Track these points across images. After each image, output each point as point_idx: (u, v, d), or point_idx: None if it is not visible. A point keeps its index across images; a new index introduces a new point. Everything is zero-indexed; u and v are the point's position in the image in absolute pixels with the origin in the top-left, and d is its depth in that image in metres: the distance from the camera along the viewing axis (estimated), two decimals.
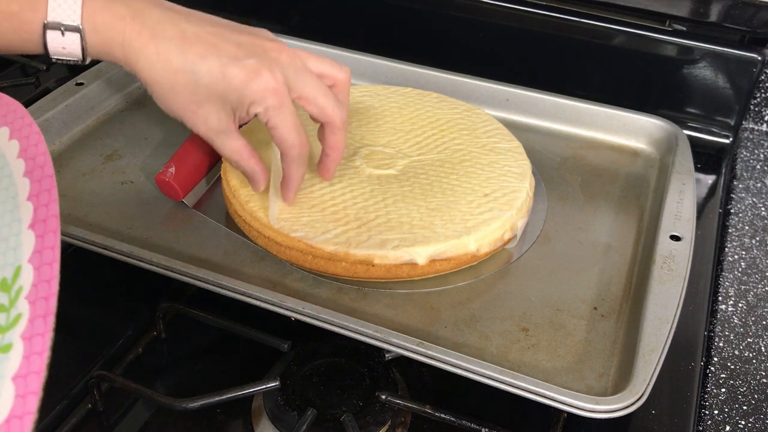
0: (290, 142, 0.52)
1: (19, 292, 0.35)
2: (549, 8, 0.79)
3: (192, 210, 0.62)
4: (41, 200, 0.38)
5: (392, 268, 0.54)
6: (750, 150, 0.79)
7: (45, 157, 0.39)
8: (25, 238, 0.37)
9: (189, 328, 0.57)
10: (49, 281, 0.35)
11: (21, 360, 0.33)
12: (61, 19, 0.46)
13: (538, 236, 0.61)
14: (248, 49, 0.49)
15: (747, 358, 0.55)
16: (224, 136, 0.52)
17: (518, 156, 0.64)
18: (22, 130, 0.41)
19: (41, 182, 0.38)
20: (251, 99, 0.49)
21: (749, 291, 0.61)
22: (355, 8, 0.87)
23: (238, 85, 0.48)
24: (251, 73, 0.48)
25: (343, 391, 0.50)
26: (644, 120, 0.72)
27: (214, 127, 0.51)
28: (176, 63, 0.48)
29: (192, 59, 0.48)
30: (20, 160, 0.40)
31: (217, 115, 0.50)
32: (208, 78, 0.48)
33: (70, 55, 0.47)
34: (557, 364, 0.50)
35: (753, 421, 0.50)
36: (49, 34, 0.46)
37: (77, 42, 0.47)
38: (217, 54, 0.48)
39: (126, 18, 0.47)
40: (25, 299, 0.35)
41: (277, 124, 0.50)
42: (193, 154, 0.64)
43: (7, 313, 0.35)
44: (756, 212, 0.70)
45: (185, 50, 0.48)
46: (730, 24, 0.74)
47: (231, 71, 0.48)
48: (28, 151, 0.40)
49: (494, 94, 0.76)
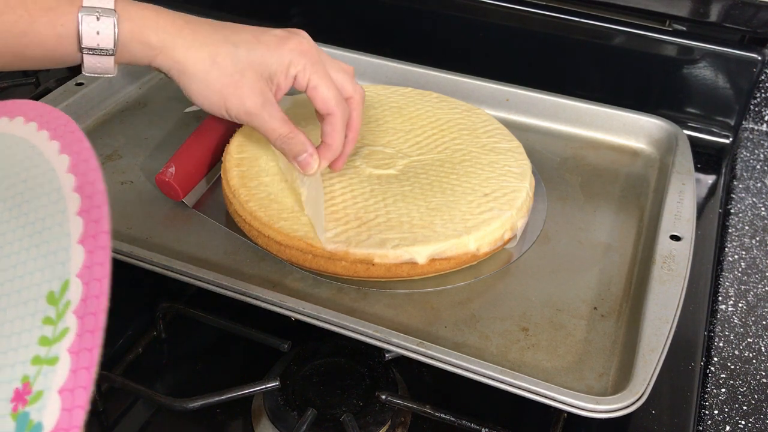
0: (335, 99, 0.53)
1: (67, 306, 0.35)
2: (549, 8, 0.79)
3: (192, 210, 0.62)
4: (92, 216, 0.38)
5: (392, 267, 0.54)
6: (750, 150, 0.79)
7: (96, 174, 0.39)
8: (74, 253, 0.37)
9: (189, 328, 0.57)
10: (99, 297, 0.35)
11: (68, 374, 0.34)
12: (95, 4, 0.47)
13: (538, 236, 0.61)
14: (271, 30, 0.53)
15: (747, 358, 0.55)
16: (270, 106, 0.52)
17: (518, 156, 0.64)
18: (73, 145, 0.41)
19: (92, 198, 0.38)
20: (289, 58, 0.51)
21: (749, 291, 0.61)
22: (355, 8, 0.87)
23: (274, 47, 0.51)
24: (283, 38, 0.52)
25: (343, 391, 0.50)
26: (644, 120, 0.72)
27: (260, 98, 0.51)
28: (214, 37, 0.50)
29: (226, 34, 0.51)
30: (70, 175, 0.40)
31: (259, 84, 0.51)
32: (244, 46, 0.50)
33: (103, 43, 0.47)
34: (557, 364, 0.50)
35: (753, 421, 0.50)
36: (84, 19, 0.46)
37: (111, 26, 0.47)
38: (247, 30, 0.52)
39: (157, 9, 0.49)
40: (73, 314, 0.35)
41: (318, 83, 0.52)
42: (193, 154, 0.64)
43: (54, 326, 0.35)
44: (756, 212, 0.70)
45: (218, 29, 0.51)
46: (730, 24, 0.74)
47: (264, 37, 0.51)
48: (78, 166, 0.40)
49: (494, 94, 0.76)
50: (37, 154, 0.42)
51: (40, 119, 0.44)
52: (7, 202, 0.42)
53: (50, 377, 0.34)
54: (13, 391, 0.35)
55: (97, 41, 0.47)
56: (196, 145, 0.65)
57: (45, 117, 0.44)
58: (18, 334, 0.36)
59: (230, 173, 0.60)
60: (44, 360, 0.35)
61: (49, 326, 0.36)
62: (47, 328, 0.36)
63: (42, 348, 0.35)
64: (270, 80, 0.51)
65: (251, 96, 0.51)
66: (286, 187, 0.60)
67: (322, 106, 0.53)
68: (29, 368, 0.35)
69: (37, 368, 0.35)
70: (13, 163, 0.43)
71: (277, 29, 0.53)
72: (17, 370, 0.35)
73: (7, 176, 0.43)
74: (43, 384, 0.34)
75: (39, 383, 0.34)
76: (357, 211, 0.57)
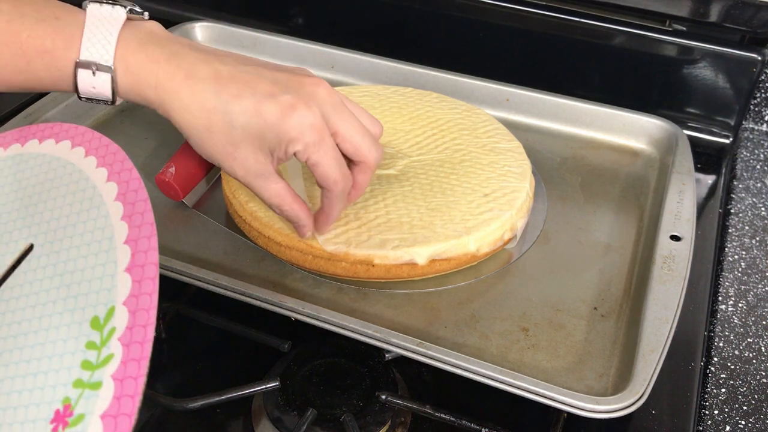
0: (334, 178, 0.49)
1: (111, 332, 0.36)
2: (549, 8, 0.79)
3: (192, 210, 0.62)
4: (140, 246, 0.38)
5: (392, 268, 0.54)
6: (750, 150, 0.79)
7: (145, 204, 0.40)
8: (121, 281, 0.37)
9: (189, 328, 0.57)
10: (145, 327, 0.35)
11: (111, 400, 0.34)
12: (93, 58, 0.45)
13: (538, 236, 0.61)
14: (284, 85, 0.47)
15: (747, 358, 0.55)
16: (263, 179, 0.49)
17: (518, 156, 0.64)
18: (121, 174, 0.42)
19: (141, 228, 0.39)
20: (289, 137, 0.47)
21: (749, 291, 0.61)
22: (355, 8, 0.87)
23: (274, 122, 0.46)
24: (287, 109, 0.46)
25: (343, 391, 0.50)
26: (644, 120, 0.72)
27: (252, 170, 0.48)
28: (210, 103, 0.46)
29: (226, 99, 0.46)
30: (118, 203, 0.40)
31: (254, 156, 0.48)
32: (242, 118, 0.46)
33: (100, 95, 0.46)
34: (557, 364, 0.50)
35: (753, 421, 0.50)
36: (80, 73, 0.45)
37: (108, 83, 0.45)
38: (252, 92, 0.46)
39: (160, 60, 0.46)
40: (118, 341, 0.35)
41: (319, 161, 0.48)
42: (193, 154, 0.64)
43: (98, 351, 0.36)
44: (756, 212, 0.70)
45: (219, 90, 0.46)
46: (730, 24, 0.74)
47: (266, 108, 0.46)
48: (127, 195, 0.41)
49: (494, 94, 0.76)
50: (84, 179, 0.43)
51: (87, 145, 0.45)
52: (52, 224, 0.42)
53: (93, 401, 0.34)
54: (54, 411, 0.35)
55: (94, 94, 0.46)
56: None
57: (92, 143, 0.44)
58: (60, 356, 0.37)
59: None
60: (87, 384, 0.35)
61: (92, 351, 0.36)
62: (90, 352, 0.36)
63: (85, 372, 0.35)
64: (269, 153, 0.48)
65: (242, 168, 0.48)
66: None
67: (320, 182, 0.50)
68: (71, 391, 0.35)
69: (79, 391, 0.35)
70: (59, 186, 0.44)
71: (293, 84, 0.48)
72: (58, 392, 0.36)
73: (53, 198, 0.43)
74: (84, 408, 0.34)
75: (81, 406, 0.35)
76: (357, 212, 0.57)
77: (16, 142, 0.48)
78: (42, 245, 0.41)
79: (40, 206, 0.43)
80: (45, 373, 0.36)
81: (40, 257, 0.41)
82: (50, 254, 0.41)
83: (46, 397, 0.36)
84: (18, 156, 0.47)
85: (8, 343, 0.38)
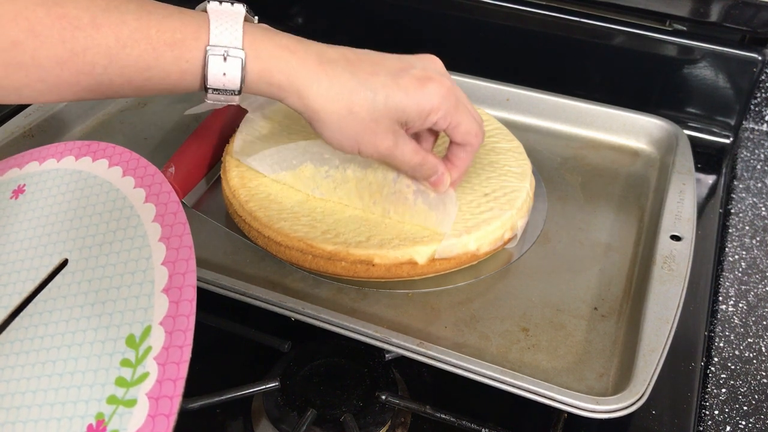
0: (475, 131, 0.52)
1: (147, 351, 0.36)
2: (549, 8, 0.79)
3: (192, 210, 0.62)
4: (178, 268, 0.38)
5: (392, 267, 0.54)
6: (750, 150, 0.79)
7: (184, 227, 0.40)
8: (158, 301, 0.38)
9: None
10: (182, 348, 0.36)
11: (146, 418, 0.34)
12: (224, 44, 0.44)
13: (538, 236, 0.61)
14: (407, 61, 0.50)
15: (747, 358, 0.55)
16: (401, 145, 0.50)
17: (518, 156, 0.64)
18: (159, 196, 0.42)
19: (179, 251, 0.39)
20: (430, 106, 0.49)
21: (749, 291, 0.61)
22: (355, 8, 0.87)
23: (414, 94, 0.48)
24: (423, 80, 0.48)
25: (343, 391, 0.49)
26: (644, 120, 0.72)
27: (392, 142, 0.49)
28: (351, 84, 0.47)
29: (364, 77, 0.47)
30: (156, 224, 0.41)
31: (393, 128, 0.49)
32: (383, 92, 0.47)
33: (229, 84, 0.45)
34: (557, 364, 0.50)
35: (753, 421, 0.50)
36: (210, 60, 0.44)
37: (238, 68, 0.44)
38: (385, 70, 0.48)
39: (288, 47, 0.46)
40: (153, 360, 0.36)
41: (460, 121, 0.51)
42: (193, 154, 0.64)
43: (133, 369, 0.36)
44: (756, 212, 0.70)
45: (355, 71, 0.47)
46: (730, 24, 0.74)
47: (403, 81, 0.48)
48: (165, 217, 0.41)
49: (494, 94, 0.76)
50: (121, 198, 0.43)
51: (125, 165, 0.45)
52: (87, 240, 0.42)
53: (126, 419, 0.34)
54: (87, 427, 0.35)
55: (223, 82, 0.44)
56: (196, 146, 0.65)
57: (130, 164, 0.45)
58: (94, 371, 0.37)
59: (230, 173, 0.60)
60: (121, 401, 0.35)
61: (127, 368, 0.36)
62: (125, 370, 0.36)
63: (119, 389, 0.36)
64: (405, 123, 0.49)
65: (384, 140, 0.49)
66: (286, 187, 0.60)
67: (461, 139, 0.52)
68: (104, 407, 0.35)
69: (113, 408, 0.35)
70: (95, 204, 0.44)
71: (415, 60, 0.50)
72: (92, 407, 0.36)
73: (89, 215, 0.43)
74: (118, 424, 0.35)
75: (114, 423, 0.35)
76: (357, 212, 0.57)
77: (51, 158, 0.48)
78: (77, 261, 0.42)
79: (75, 222, 0.43)
80: (78, 387, 0.37)
81: (74, 272, 0.41)
82: (85, 270, 0.41)
83: (79, 411, 0.36)
84: (54, 171, 0.47)
85: (41, 356, 0.38)
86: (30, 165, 0.49)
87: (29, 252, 0.43)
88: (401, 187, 0.56)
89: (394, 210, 0.56)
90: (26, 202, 0.47)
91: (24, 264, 0.43)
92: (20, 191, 0.47)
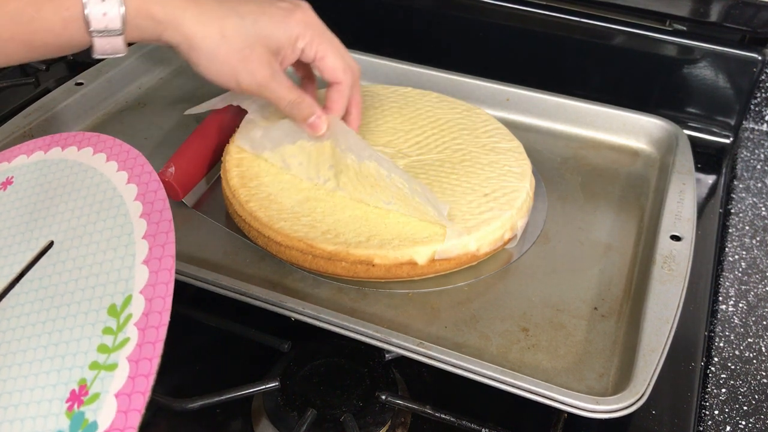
0: (342, 67, 0.55)
1: (128, 318, 0.38)
2: (549, 8, 0.79)
3: (192, 210, 0.62)
4: (158, 240, 0.41)
5: (392, 267, 0.54)
6: (750, 150, 0.79)
7: (164, 203, 0.42)
8: (138, 272, 0.40)
9: (189, 328, 0.56)
10: (161, 312, 0.38)
11: (126, 379, 0.36)
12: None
13: (538, 236, 0.61)
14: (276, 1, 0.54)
15: (747, 358, 0.55)
16: (278, 80, 0.53)
17: (518, 156, 0.64)
18: (141, 176, 0.44)
19: (159, 224, 0.41)
20: (296, 32, 0.53)
21: (749, 291, 0.61)
22: (354, 8, 0.87)
23: (280, 20, 0.52)
24: (289, 9, 0.53)
25: (343, 391, 0.49)
26: (644, 120, 0.72)
27: (267, 72, 0.52)
28: (220, 11, 0.50)
29: (232, 5, 0.51)
30: (137, 203, 0.43)
31: (267, 58, 0.52)
32: (251, 18, 0.51)
33: (111, 24, 0.47)
34: (557, 364, 0.50)
35: (753, 421, 0.50)
36: (89, 2, 0.46)
37: (116, 7, 0.46)
38: (254, 2, 0.52)
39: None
40: (134, 325, 0.38)
41: (326, 52, 0.54)
42: (193, 154, 0.64)
43: (114, 336, 0.38)
44: (756, 212, 0.70)
45: (223, 2, 0.51)
46: (730, 24, 0.74)
47: (270, 10, 0.52)
48: (146, 195, 0.43)
49: (494, 94, 0.76)
50: (105, 182, 0.46)
51: (109, 151, 0.47)
52: (72, 222, 0.44)
53: (108, 382, 0.36)
54: (69, 392, 0.37)
55: (105, 23, 0.47)
56: (196, 145, 0.65)
57: (114, 149, 0.47)
58: (77, 341, 0.39)
59: (230, 173, 0.60)
60: (102, 366, 0.37)
61: (108, 336, 0.38)
62: (107, 337, 0.38)
63: (101, 355, 0.37)
64: (277, 53, 0.53)
65: (260, 69, 0.52)
66: (286, 187, 0.60)
67: (330, 76, 0.56)
68: (87, 372, 0.37)
69: (95, 373, 0.37)
70: (80, 188, 0.46)
71: (280, 1, 0.54)
72: (74, 374, 0.37)
73: (74, 199, 0.46)
74: (99, 387, 0.36)
75: (96, 386, 0.36)
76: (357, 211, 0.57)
77: (39, 150, 0.50)
78: (62, 242, 0.44)
79: (61, 207, 0.46)
80: (62, 357, 0.38)
81: (59, 252, 0.43)
82: (70, 249, 0.43)
83: (62, 379, 0.37)
84: (41, 162, 0.49)
85: (27, 331, 0.40)
86: (18, 158, 0.51)
87: (17, 237, 0.45)
88: (395, 181, 0.57)
89: (396, 203, 0.57)
90: (14, 192, 0.49)
91: (11, 249, 0.45)
92: (8, 183, 0.49)
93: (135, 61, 0.78)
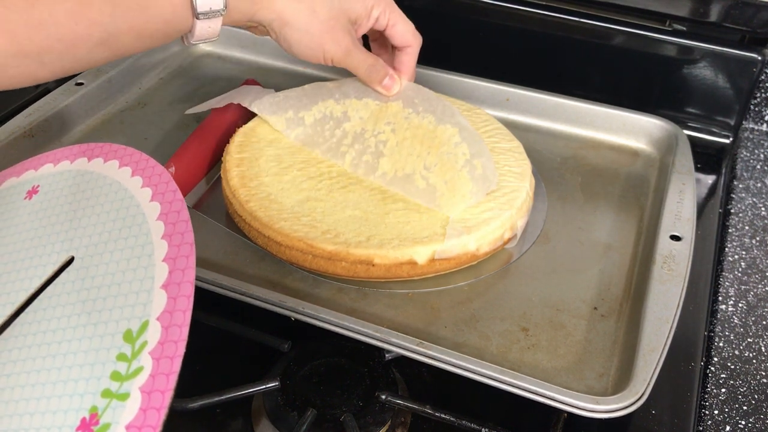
0: (412, 31, 0.62)
1: (143, 346, 0.37)
2: (549, 8, 0.79)
3: (192, 210, 0.62)
4: (178, 264, 0.39)
5: (392, 267, 0.54)
6: (750, 150, 0.79)
7: (186, 225, 0.41)
8: (156, 297, 0.38)
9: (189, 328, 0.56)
10: (177, 342, 0.36)
11: (138, 411, 0.35)
12: None
13: (538, 236, 0.61)
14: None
15: (747, 358, 0.55)
16: (358, 46, 0.60)
17: (518, 156, 0.64)
18: (165, 195, 0.43)
19: (180, 248, 0.40)
20: (371, 2, 0.58)
21: (749, 291, 0.61)
22: None
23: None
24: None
25: (343, 391, 0.50)
26: (644, 120, 0.72)
27: (350, 40, 0.58)
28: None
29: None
30: (160, 222, 0.42)
31: (348, 27, 0.58)
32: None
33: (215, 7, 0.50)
34: (557, 364, 0.50)
35: (753, 421, 0.50)
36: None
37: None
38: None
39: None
40: (149, 354, 0.36)
41: (397, 20, 0.61)
42: (193, 154, 0.64)
43: (128, 363, 0.37)
44: (756, 212, 0.70)
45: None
46: (730, 24, 0.74)
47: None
48: (169, 215, 0.42)
49: (494, 94, 0.76)
50: (128, 198, 0.45)
51: (134, 165, 0.47)
52: (94, 238, 0.43)
53: (119, 412, 0.35)
54: (80, 419, 0.36)
55: (210, 4, 0.49)
56: (196, 145, 0.65)
57: (139, 164, 0.46)
58: (91, 365, 0.37)
59: (230, 173, 0.60)
60: (114, 395, 0.36)
61: (123, 363, 0.37)
62: (121, 364, 0.37)
63: (114, 383, 0.36)
64: (354, 23, 0.58)
65: (344, 38, 0.58)
66: (286, 187, 0.60)
67: (401, 40, 0.62)
68: (99, 400, 0.36)
69: (107, 401, 0.36)
70: (104, 203, 0.45)
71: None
72: (86, 400, 0.36)
73: (96, 214, 0.45)
74: (110, 417, 0.35)
75: (107, 416, 0.35)
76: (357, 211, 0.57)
77: (65, 159, 0.50)
78: (82, 258, 0.43)
79: (84, 221, 0.45)
80: (75, 381, 0.37)
81: (79, 269, 0.42)
82: (89, 267, 0.42)
83: (74, 405, 0.36)
84: (67, 172, 0.49)
85: (42, 351, 0.39)
86: (45, 167, 0.51)
87: (38, 250, 0.45)
88: (458, 151, 0.59)
89: (439, 168, 0.59)
90: (39, 202, 0.48)
91: (33, 261, 0.44)
92: (34, 192, 0.49)
93: (135, 61, 0.78)
